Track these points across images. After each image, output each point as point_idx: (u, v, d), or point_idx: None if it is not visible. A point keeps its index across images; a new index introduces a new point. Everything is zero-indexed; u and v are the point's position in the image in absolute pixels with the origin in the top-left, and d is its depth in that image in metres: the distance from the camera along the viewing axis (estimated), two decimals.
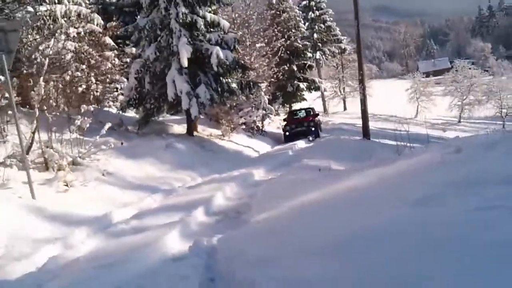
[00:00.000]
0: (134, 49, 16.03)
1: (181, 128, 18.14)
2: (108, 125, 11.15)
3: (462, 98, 50.49)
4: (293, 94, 32.55)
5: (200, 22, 15.37)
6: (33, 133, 10.28)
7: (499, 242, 2.44)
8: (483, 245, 2.47)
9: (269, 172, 12.16)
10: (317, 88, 35.28)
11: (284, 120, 26.21)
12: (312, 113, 27.03)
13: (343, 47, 51.43)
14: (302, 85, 32.60)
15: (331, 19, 51.12)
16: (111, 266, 4.64)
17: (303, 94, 33.71)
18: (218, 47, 15.35)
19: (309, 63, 33.31)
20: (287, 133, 23.72)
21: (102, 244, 6.04)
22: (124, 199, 9.26)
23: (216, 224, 6.93)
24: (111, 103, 17.11)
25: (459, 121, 50.39)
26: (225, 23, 16.45)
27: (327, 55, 50.50)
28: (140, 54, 16.07)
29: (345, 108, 53.63)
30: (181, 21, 15.19)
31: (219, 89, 16.33)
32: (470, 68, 52.44)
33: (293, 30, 32.30)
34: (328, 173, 8.41)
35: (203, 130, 19.30)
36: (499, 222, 2.74)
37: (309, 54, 34.16)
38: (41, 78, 10.82)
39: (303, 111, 27.97)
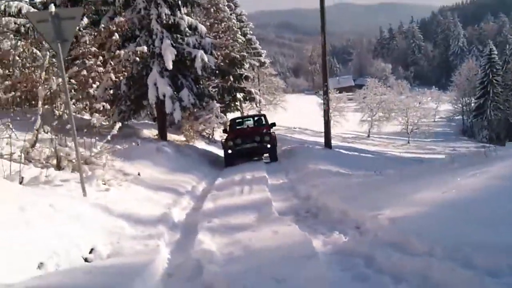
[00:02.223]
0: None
1: (149, 133, 17.72)
2: (118, 124, 10.78)
3: (371, 114, 53.37)
4: (228, 104, 32.15)
5: (184, 24, 15.20)
6: (37, 130, 9.75)
7: None
8: None
9: (272, 178, 11.97)
10: (252, 99, 35.48)
11: (225, 131, 18.04)
12: (264, 122, 18.22)
13: (262, 61, 51.89)
14: (239, 95, 32.38)
15: (251, 32, 51.39)
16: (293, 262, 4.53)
17: (237, 105, 33.63)
18: (202, 51, 15.23)
19: (246, 73, 33.29)
20: (230, 151, 15.75)
21: (224, 240, 5.79)
22: (161, 200, 8.99)
23: (303, 222, 6.83)
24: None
25: (368, 136, 53.27)
26: (202, 28, 16.31)
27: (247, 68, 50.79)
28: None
29: None
30: (164, 22, 14.91)
31: (200, 94, 16.17)
32: (380, 86, 55.81)
33: (231, 41, 32.18)
34: (385, 176, 8.65)
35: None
36: None
37: (246, 65, 34.08)
38: (43, 73, 10.31)
39: (251, 119, 20.10)
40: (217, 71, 16.91)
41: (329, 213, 6.99)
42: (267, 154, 16.51)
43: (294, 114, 60.52)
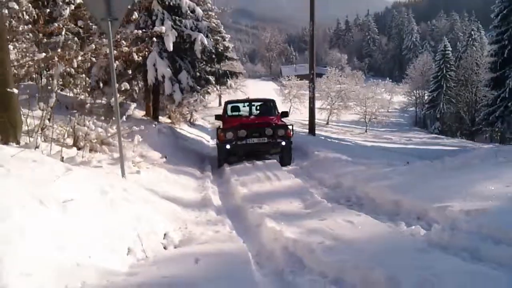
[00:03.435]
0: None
1: (138, 113, 17.37)
2: (133, 105, 10.62)
3: (331, 102, 54.07)
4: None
5: (185, 7, 14.87)
6: (52, 108, 9.43)
7: None
8: None
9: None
10: (225, 83, 35.11)
11: (218, 117, 13.94)
12: (274, 110, 14.06)
13: (226, 45, 51.46)
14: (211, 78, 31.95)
15: (216, 16, 51.03)
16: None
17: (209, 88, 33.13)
18: (201, 34, 14.99)
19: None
20: (228, 147, 11.78)
21: (297, 229, 5.64)
22: (187, 183, 9.00)
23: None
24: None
25: (327, 123, 53.96)
26: (199, 10, 15.96)
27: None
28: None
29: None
30: (166, 3, 14.61)
31: (197, 77, 15.99)
32: (340, 76, 56.58)
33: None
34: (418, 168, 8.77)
35: None
36: None
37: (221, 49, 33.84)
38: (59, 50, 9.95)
39: (256, 104, 14.84)
40: (213, 55, 16.69)
41: (376, 203, 7.05)
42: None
43: None
